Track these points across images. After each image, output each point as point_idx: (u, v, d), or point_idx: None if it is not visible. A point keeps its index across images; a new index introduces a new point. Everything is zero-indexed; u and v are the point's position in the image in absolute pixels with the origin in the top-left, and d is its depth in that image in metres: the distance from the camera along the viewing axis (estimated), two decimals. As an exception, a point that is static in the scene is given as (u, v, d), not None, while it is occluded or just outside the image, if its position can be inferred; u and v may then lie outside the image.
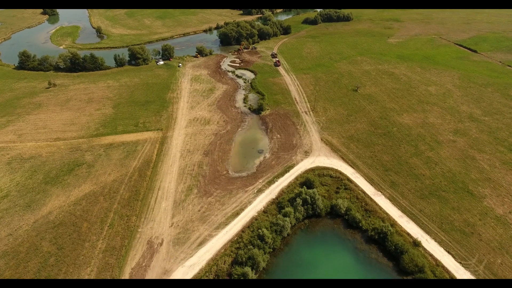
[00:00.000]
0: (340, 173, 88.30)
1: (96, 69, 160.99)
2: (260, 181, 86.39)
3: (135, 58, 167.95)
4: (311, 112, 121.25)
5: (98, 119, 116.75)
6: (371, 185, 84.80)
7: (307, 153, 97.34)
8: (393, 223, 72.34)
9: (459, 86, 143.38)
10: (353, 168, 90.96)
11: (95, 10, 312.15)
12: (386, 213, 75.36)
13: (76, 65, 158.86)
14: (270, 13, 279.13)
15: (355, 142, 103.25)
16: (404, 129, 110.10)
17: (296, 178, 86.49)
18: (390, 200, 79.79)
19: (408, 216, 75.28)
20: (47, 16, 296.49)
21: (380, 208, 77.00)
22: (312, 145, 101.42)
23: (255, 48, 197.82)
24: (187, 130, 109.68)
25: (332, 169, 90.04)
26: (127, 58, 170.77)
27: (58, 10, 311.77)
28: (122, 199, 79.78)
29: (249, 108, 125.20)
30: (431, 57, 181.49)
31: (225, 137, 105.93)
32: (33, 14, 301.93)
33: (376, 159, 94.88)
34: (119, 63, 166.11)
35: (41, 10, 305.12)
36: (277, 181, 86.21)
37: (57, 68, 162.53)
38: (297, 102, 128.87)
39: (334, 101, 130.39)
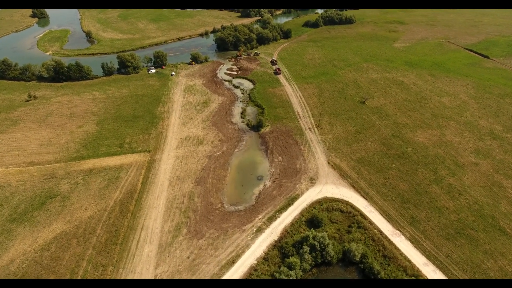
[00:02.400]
0: (352, 206, 76.86)
1: (82, 78, 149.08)
2: (260, 216, 74.93)
3: (125, 66, 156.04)
4: (315, 129, 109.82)
5: (79, 138, 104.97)
6: (388, 221, 73.45)
7: (312, 180, 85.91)
8: (418, 274, 60.97)
9: (475, 97, 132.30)
10: (366, 199, 79.58)
11: (87, 13, 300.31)
12: (409, 260, 63.98)
13: (60, 74, 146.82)
14: (269, 15, 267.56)
15: (366, 166, 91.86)
16: (420, 150, 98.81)
17: (301, 213, 75.05)
18: (412, 242, 68.45)
19: (434, 263, 63.93)
20: (36, 19, 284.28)
21: (401, 253, 65.67)
22: (318, 170, 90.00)
23: (257, 54, 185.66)
24: (177, 151, 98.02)
25: (342, 201, 78.63)
26: (116, 66, 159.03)
27: (49, 13, 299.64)
28: (99, 242, 68.18)
29: (247, 124, 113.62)
30: (441, 64, 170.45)
31: (220, 160, 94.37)
32: (22, 17, 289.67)
33: (391, 188, 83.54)
34: (107, 71, 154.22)
35: (31, 12, 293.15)
36: (279, 216, 74.73)
37: (40, 78, 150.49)
38: (300, 117, 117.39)
39: (340, 115, 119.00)
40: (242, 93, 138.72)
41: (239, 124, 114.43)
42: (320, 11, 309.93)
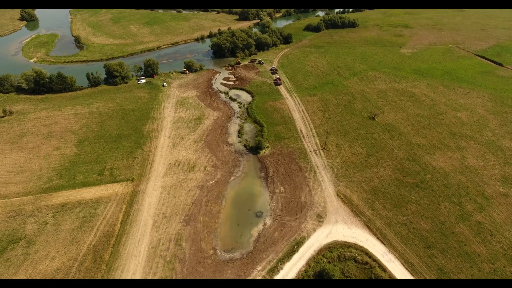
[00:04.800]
0: (368, 254, 65.10)
1: (65, 90, 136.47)
2: (259, 268, 63.10)
3: (112, 76, 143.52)
4: (321, 151, 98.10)
5: (54, 163, 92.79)
6: (412, 274, 61.69)
7: (320, 218, 74.15)
8: None
9: (493, 111, 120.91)
10: (384, 244, 67.88)
11: (78, 15, 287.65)
12: (441, 332, 52.45)
13: (41, 86, 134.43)
14: (268, 18, 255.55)
15: (381, 198, 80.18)
16: (440, 177, 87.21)
17: (308, 264, 63.24)
18: (442, 304, 56.92)
19: (472, 335, 52.43)
20: (25, 22, 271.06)
21: (431, 320, 54.10)
22: (326, 204, 78.24)
23: (261, 62, 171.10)
24: (165, 180, 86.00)
25: (356, 246, 66.88)
26: (104, 76, 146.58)
27: (38, 16, 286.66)
28: (63, 306, 56.26)
29: (245, 145, 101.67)
30: (453, 72, 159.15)
31: (214, 192, 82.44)
32: (10, 20, 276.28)
33: (412, 228, 71.89)
34: (93, 82, 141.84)
35: (19, 15, 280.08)
36: (282, 268, 62.92)
37: (19, 89, 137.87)
38: (303, 136, 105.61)
39: (348, 134, 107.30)
40: (240, 107, 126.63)
41: (235, 145, 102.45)
42: (321, 13, 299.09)
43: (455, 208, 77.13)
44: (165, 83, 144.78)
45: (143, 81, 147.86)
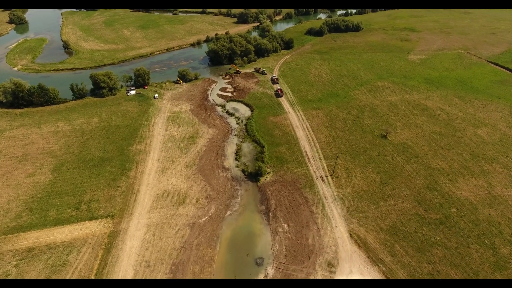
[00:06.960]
0: (391, 319, 54.11)
1: (46, 103, 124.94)
2: (260, 339, 52.08)
3: (99, 88, 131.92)
4: (329, 178, 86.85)
5: (25, 194, 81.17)
6: None
7: (331, 268, 62.89)
8: None
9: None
10: (409, 303, 56.88)
11: (70, 18, 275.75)
12: None
13: (20, 99, 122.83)
14: (268, 21, 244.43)
15: (402, 240, 68.94)
16: (467, 211, 76.09)
17: (320, 334, 52.26)
18: None
19: None
20: (13, 25, 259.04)
21: None
22: (338, 247, 66.98)
23: (264, 72, 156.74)
24: (150, 217, 74.52)
25: (376, 307, 55.85)
26: (90, 86, 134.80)
27: (28, 19, 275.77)
28: None
29: (243, 171, 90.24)
30: (466, 81, 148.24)
31: (207, 231, 71.05)
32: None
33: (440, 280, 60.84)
34: (78, 94, 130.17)
35: (8, 18, 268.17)
36: None
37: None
38: (308, 159, 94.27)
39: (358, 156, 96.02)
40: (237, 123, 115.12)
41: (232, 170, 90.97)
42: (323, 16, 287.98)
43: (488, 253, 66.06)
44: (156, 95, 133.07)
45: (133, 92, 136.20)
